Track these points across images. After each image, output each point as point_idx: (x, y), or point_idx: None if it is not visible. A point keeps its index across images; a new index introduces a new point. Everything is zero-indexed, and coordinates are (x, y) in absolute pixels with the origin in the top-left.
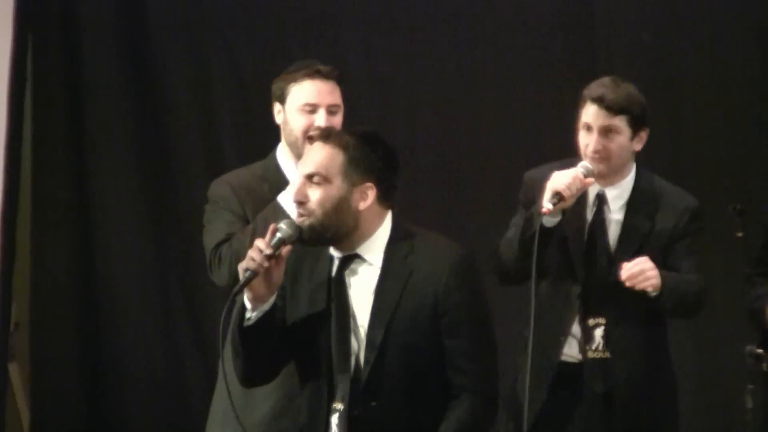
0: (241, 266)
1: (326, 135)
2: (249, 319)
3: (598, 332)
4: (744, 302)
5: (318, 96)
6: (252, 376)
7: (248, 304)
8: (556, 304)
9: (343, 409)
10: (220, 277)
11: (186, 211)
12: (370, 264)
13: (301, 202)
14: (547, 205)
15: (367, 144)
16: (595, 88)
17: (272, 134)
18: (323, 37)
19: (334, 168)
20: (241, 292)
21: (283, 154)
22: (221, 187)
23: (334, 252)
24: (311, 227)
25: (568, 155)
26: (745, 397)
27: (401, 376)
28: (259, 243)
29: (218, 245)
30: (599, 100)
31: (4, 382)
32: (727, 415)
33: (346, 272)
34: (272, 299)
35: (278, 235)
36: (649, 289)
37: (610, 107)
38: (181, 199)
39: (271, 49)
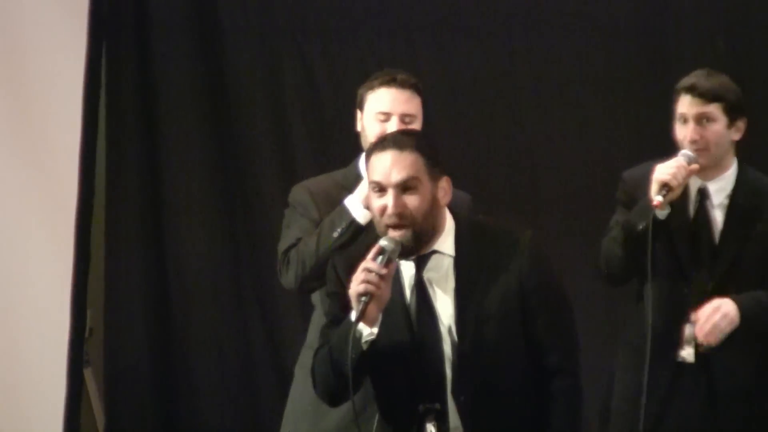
0: (354, 293)
1: (399, 141)
2: (366, 341)
3: (690, 328)
4: None
5: (391, 104)
6: (343, 395)
7: (365, 330)
8: (664, 304)
9: (440, 407)
10: (287, 281)
11: (258, 214)
12: (449, 257)
13: (400, 215)
14: (657, 197)
15: (430, 141)
16: (687, 79)
17: (344, 140)
18: (397, 44)
19: (421, 170)
20: (361, 319)
21: (364, 163)
22: (301, 193)
23: (410, 259)
24: (414, 236)
25: (642, 160)
26: None
27: (494, 364)
28: (371, 265)
29: (287, 250)
30: (692, 89)
31: (80, 388)
32: None
33: (425, 271)
34: (380, 320)
35: (384, 255)
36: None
37: (704, 94)
38: (254, 203)
39: (345, 55)
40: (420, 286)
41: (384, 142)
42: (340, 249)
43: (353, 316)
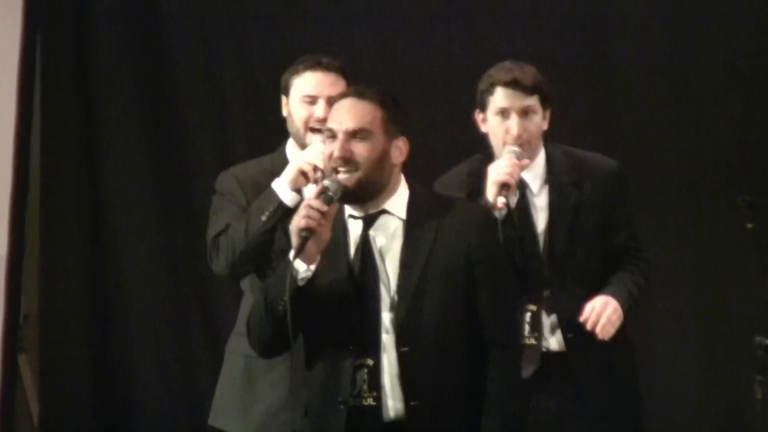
0: (295, 227)
1: (361, 92)
2: (303, 279)
3: (527, 317)
4: (759, 292)
5: (317, 87)
6: (275, 345)
7: (301, 267)
8: None
9: (373, 364)
10: (218, 267)
11: (195, 203)
12: (399, 219)
13: (346, 159)
14: (500, 199)
15: (397, 101)
16: (504, 72)
17: (282, 129)
18: (335, 34)
19: (376, 122)
20: (300, 254)
21: (291, 147)
22: (228, 180)
23: (355, 212)
24: (358, 182)
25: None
26: (755, 388)
27: (432, 324)
28: (313, 202)
29: (217, 236)
30: (513, 83)
31: (14, 374)
32: (737, 405)
33: (372, 229)
34: (318, 259)
35: (328, 192)
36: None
37: (525, 88)
38: (191, 192)
39: (282, 46)
40: (365, 241)
41: (348, 90)
42: (270, 233)
43: (292, 254)
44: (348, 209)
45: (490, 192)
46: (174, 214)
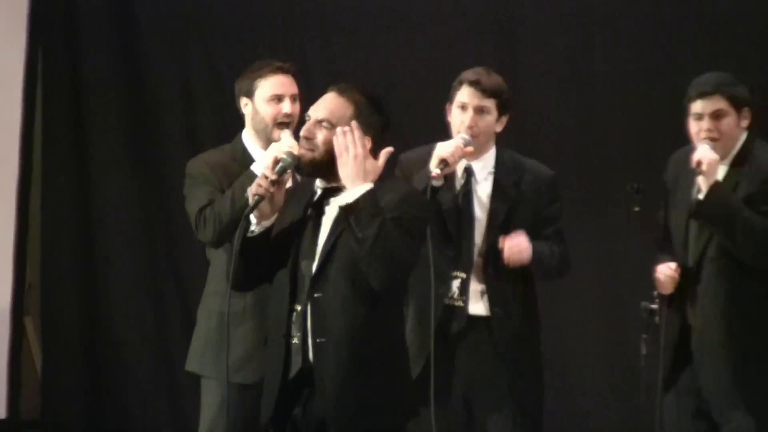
0: (250, 191)
1: (342, 89)
2: (253, 231)
3: (456, 284)
4: (645, 265)
5: (282, 87)
6: (243, 281)
7: (253, 220)
8: (438, 262)
9: (300, 309)
10: (205, 234)
11: (169, 186)
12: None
13: (308, 138)
14: (435, 170)
15: (374, 105)
16: (472, 74)
17: (236, 123)
18: (289, 44)
19: (343, 118)
20: (252, 212)
21: (248, 138)
22: (199, 165)
23: (319, 183)
24: (312, 160)
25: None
26: (641, 344)
27: (341, 277)
28: (266, 171)
29: (202, 209)
30: (476, 83)
31: (20, 334)
32: (627, 359)
33: (327, 200)
34: (273, 218)
35: (280, 164)
36: (524, 262)
37: (485, 90)
38: (167, 178)
39: (244, 55)
40: (318, 206)
41: (335, 84)
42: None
43: (250, 217)
44: (318, 182)
45: (432, 163)
46: (151, 197)
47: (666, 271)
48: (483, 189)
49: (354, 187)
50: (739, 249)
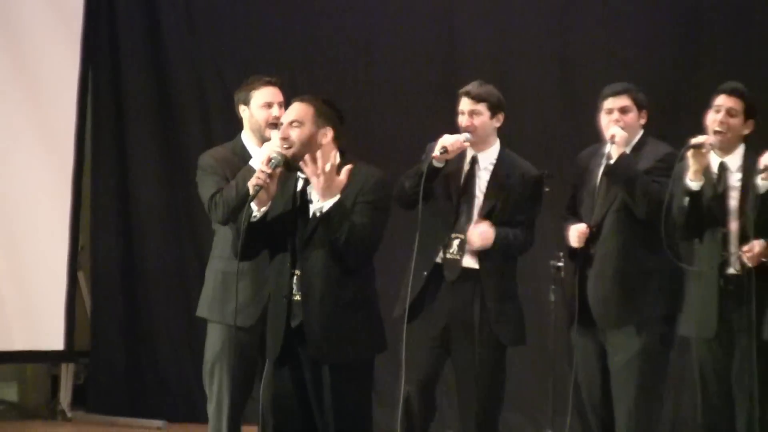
0: (251, 183)
1: (302, 98)
2: (255, 216)
3: (456, 242)
4: (554, 233)
5: (271, 96)
6: (247, 254)
7: (255, 207)
8: (437, 223)
9: (300, 274)
10: (216, 215)
11: (191, 176)
12: None
13: (284, 138)
14: (436, 152)
15: (328, 105)
16: (467, 86)
17: (240, 126)
18: (281, 65)
19: (308, 116)
20: (253, 200)
21: (246, 137)
22: (208, 159)
23: (301, 174)
24: (293, 154)
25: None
26: (550, 294)
27: (326, 246)
28: (263, 167)
29: (213, 195)
30: (467, 93)
31: (75, 284)
32: (540, 305)
33: (308, 187)
34: (269, 204)
35: (273, 161)
36: (487, 246)
37: (474, 97)
38: (187, 166)
39: (246, 73)
40: (303, 193)
41: (299, 96)
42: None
43: (251, 205)
44: (300, 174)
45: (437, 148)
46: (174, 178)
47: (580, 228)
48: (483, 176)
49: (325, 200)
50: (635, 204)
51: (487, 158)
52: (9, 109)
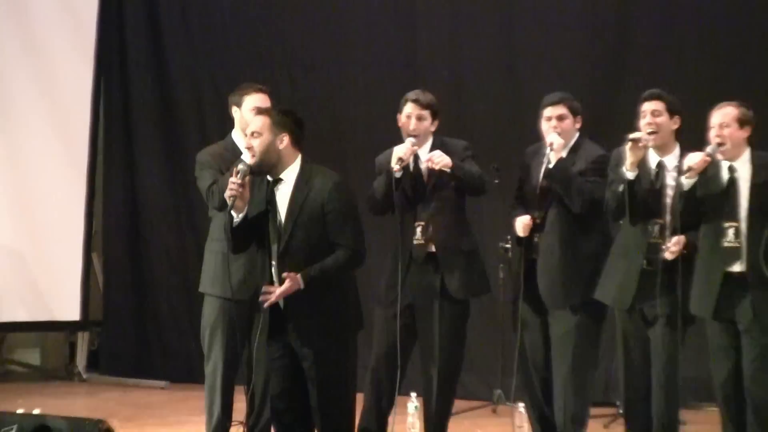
0: (226, 195)
1: (260, 110)
2: (236, 221)
3: (419, 229)
4: (502, 219)
5: (260, 101)
6: (238, 249)
7: (234, 214)
8: (409, 218)
9: (275, 264)
10: (213, 203)
11: (189, 168)
12: (287, 184)
13: (249, 148)
14: (395, 165)
15: (283, 113)
16: (413, 94)
17: (229, 126)
18: (266, 74)
19: (265, 126)
20: (232, 208)
21: (236, 134)
22: (204, 155)
23: (269, 177)
24: (257, 162)
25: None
26: (499, 271)
27: (303, 245)
28: (232, 179)
29: (210, 186)
30: (416, 101)
31: (89, 263)
32: (494, 283)
33: (275, 189)
34: (246, 209)
35: (240, 172)
36: (445, 168)
37: (422, 104)
38: (186, 164)
39: (236, 82)
40: (271, 196)
41: (258, 111)
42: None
43: (231, 213)
44: (268, 176)
45: (393, 161)
46: (175, 171)
47: (524, 220)
48: (425, 168)
49: (237, 214)
50: (571, 202)
51: (425, 150)
52: (33, 113)
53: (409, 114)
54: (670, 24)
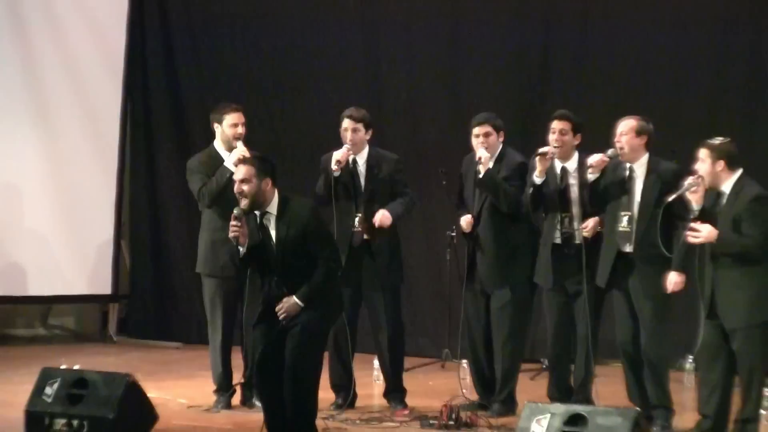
0: (230, 236)
1: (244, 160)
2: (243, 253)
3: (356, 219)
4: (449, 212)
5: (238, 119)
6: (243, 271)
7: (241, 248)
8: (344, 209)
9: (274, 279)
10: (203, 203)
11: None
12: (272, 215)
13: (240, 192)
14: (335, 165)
15: (262, 161)
16: (348, 111)
17: (210, 138)
18: (241, 95)
19: (251, 174)
20: (238, 246)
21: (218, 145)
22: (193, 162)
23: (257, 212)
24: (249, 205)
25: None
26: (447, 255)
27: (292, 262)
28: (233, 222)
29: (200, 188)
30: (350, 116)
31: (118, 249)
32: (442, 264)
33: (264, 219)
34: (247, 243)
35: (237, 216)
36: (387, 224)
37: (356, 119)
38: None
39: (219, 101)
40: (262, 226)
41: (240, 159)
42: (227, 184)
43: (238, 248)
44: (256, 212)
45: (332, 163)
46: (186, 177)
47: (467, 218)
48: (362, 170)
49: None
50: (499, 204)
51: (362, 158)
52: (73, 129)
53: (346, 127)
54: (582, 55)
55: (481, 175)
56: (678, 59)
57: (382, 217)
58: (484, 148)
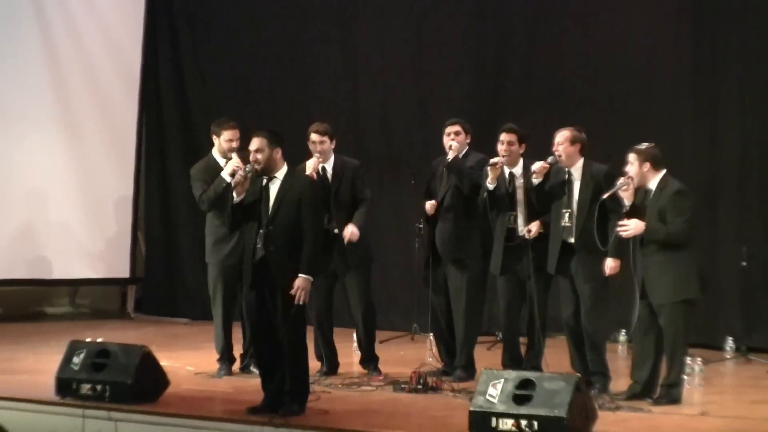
0: (230, 177)
1: (258, 132)
2: (236, 200)
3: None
4: (418, 206)
5: (233, 135)
6: (234, 227)
7: (235, 196)
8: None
9: (262, 233)
10: (204, 207)
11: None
12: (279, 180)
13: (254, 160)
14: (311, 173)
15: (273, 134)
16: (314, 126)
17: (210, 148)
18: (235, 109)
19: (264, 144)
20: (234, 190)
21: (216, 154)
22: (195, 170)
23: (264, 176)
24: (262, 169)
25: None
26: (415, 243)
27: (284, 223)
28: (240, 172)
29: (201, 195)
30: (316, 131)
31: (135, 238)
32: (411, 251)
33: (269, 183)
34: (243, 195)
35: (247, 169)
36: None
37: (322, 133)
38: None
39: (218, 115)
40: (266, 188)
41: (255, 132)
42: (224, 192)
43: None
44: (264, 176)
45: (308, 170)
46: (188, 178)
47: (431, 202)
48: (330, 175)
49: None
50: (462, 185)
51: (329, 165)
52: (96, 138)
53: (314, 140)
54: (531, 75)
55: (449, 159)
56: (612, 76)
57: (351, 234)
58: (455, 143)
